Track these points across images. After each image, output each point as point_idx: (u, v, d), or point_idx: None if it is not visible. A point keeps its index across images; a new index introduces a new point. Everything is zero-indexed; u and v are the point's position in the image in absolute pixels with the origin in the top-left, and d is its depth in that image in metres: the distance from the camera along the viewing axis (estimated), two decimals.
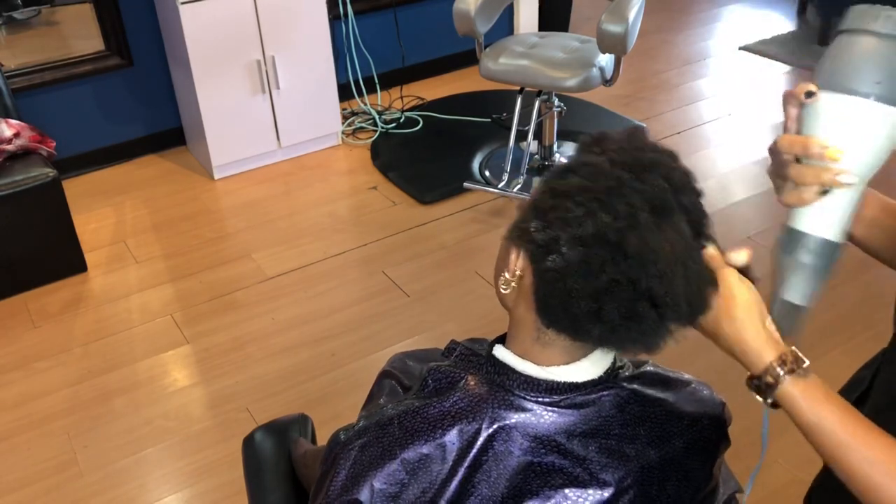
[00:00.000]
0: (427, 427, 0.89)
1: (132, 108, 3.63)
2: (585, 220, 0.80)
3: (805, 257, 0.82)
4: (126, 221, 3.28)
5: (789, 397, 0.79)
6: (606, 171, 0.82)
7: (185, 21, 3.15)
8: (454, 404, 0.90)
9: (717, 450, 0.97)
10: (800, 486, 1.13)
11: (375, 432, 0.91)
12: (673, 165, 0.85)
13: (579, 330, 0.85)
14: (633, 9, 2.86)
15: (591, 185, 0.82)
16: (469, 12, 2.99)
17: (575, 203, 0.81)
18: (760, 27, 4.86)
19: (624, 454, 0.90)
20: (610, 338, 0.84)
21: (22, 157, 2.84)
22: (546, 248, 0.83)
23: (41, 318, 2.75)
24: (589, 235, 0.80)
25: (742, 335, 0.82)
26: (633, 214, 0.79)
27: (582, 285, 0.81)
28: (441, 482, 0.87)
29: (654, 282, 0.79)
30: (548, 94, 3.27)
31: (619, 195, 0.80)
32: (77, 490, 2.13)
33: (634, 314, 0.81)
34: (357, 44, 3.93)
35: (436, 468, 0.88)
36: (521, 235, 0.86)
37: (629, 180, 0.81)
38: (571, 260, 0.81)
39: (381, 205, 3.29)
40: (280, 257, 3.00)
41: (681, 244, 0.81)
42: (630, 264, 0.79)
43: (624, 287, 0.79)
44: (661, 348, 0.86)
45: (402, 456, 0.88)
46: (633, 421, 0.91)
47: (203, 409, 2.36)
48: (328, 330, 2.63)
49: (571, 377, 0.89)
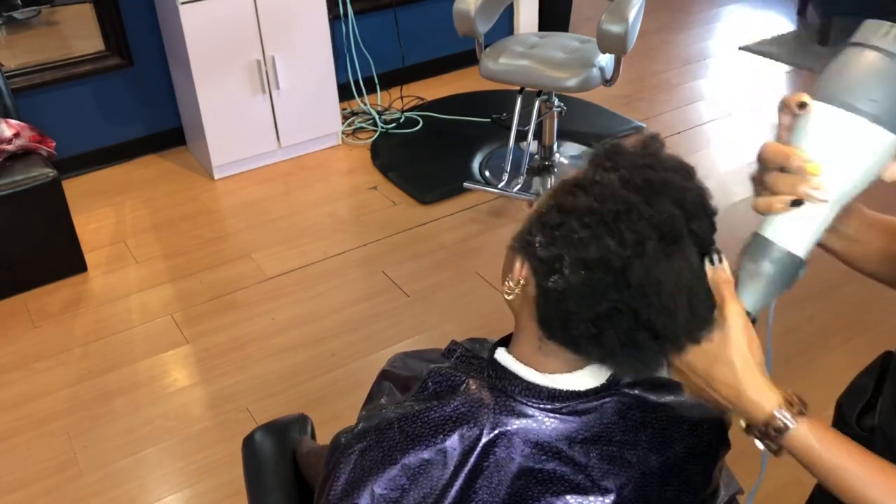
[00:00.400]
0: (428, 432, 0.88)
1: (132, 108, 3.63)
2: (590, 243, 0.79)
3: (766, 266, 0.80)
4: (126, 221, 3.28)
5: (803, 441, 0.77)
6: (616, 193, 0.80)
7: (185, 21, 3.15)
8: (455, 409, 0.89)
9: (717, 454, 0.97)
10: (800, 486, 1.13)
11: (376, 436, 0.90)
12: (686, 186, 0.82)
13: (579, 349, 0.84)
14: (633, 9, 2.86)
15: (599, 206, 0.80)
16: (469, 12, 2.99)
17: (581, 224, 0.79)
18: (760, 27, 4.86)
19: (625, 460, 0.89)
20: (608, 361, 0.84)
21: (22, 157, 2.84)
22: (549, 266, 0.82)
23: (41, 318, 2.75)
24: (593, 260, 0.78)
25: (740, 381, 0.79)
26: (639, 242, 0.78)
27: (582, 308, 0.80)
28: (442, 488, 0.87)
29: (656, 313, 0.78)
30: (548, 94, 3.27)
31: (627, 220, 0.78)
32: (77, 490, 2.13)
33: (633, 343, 0.80)
34: (357, 44, 3.93)
35: (437, 473, 0.87)
36: (525, 248, 0.85)
37: (639, 203, 0.79)
38: (573, 282, 0.80)
39: (381, 205, 3.29)
40: (280, 257, 3.00)
41: (687, 273, 0.79)
42: (633, 293, 0.78)
43: (625, 315, 0.79)
44: (657, 373, 0.86)
45: (403, 461, 0.87)
46: (635, 427, 0.91)
47: (203, 409, 2.36)
48: (328, 330, 2.63)
49: (573, 385, 0.89)
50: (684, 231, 0.80)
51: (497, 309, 2.60)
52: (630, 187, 0.81)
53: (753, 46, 4.55)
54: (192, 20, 3.16)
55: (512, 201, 3.22)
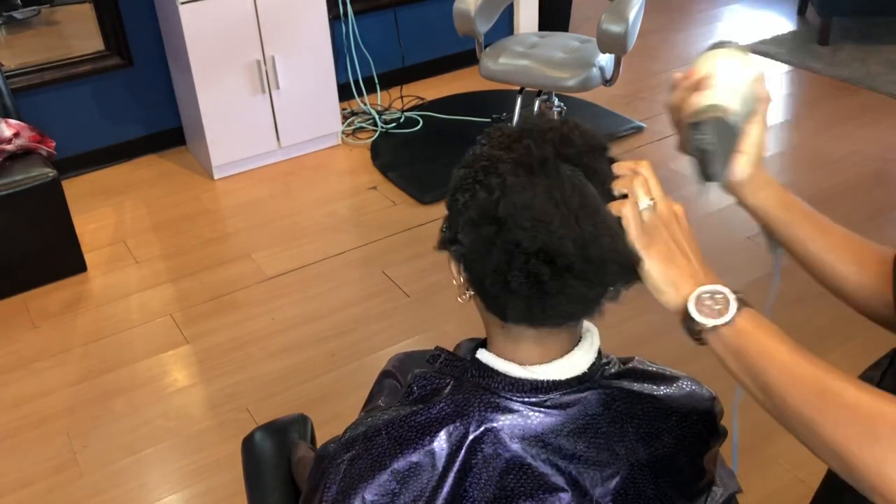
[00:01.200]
0: (415, 435, 0.89)
1: (132, 108, 3.63)
2: (470, 203, 0.83)
3: (707, 133, 0.89)
4: (126, 221, 3.28)
5: (739, 326, 0.78)
6: (484, 154, 0.85)
7: (185, 21, 3.15)
8: (441, 410, 0.90)
9: (707, 445, 0.97)
10: (800, 486, 1.13)
11: (364, 444, 0.90)
12: (551, 126, 0.86)
13: (506, 311, 0.85)
14: (633, 9, 2.86)
15: (469, 170, 0.85)
16: (469, 12, 2.99)
17: (462, 191, 0.84)
18: (760, 27, 4.86)
19: (614, 452, 0.89)
20: (537, 311, 0.84)
21: (22, 157, 2.84)
22: (452, 241, 0.86)
23: (41, 318, 2.75)
24: (476, 217, 0.82)
25: (663, 265, 0.81)
26: (502, 182, 0.81)
27: (483, 264, 0.82)
28: (432, 489, 0.87)
29: (529, 235, 0.79)
30: (548, 93, 3.27)
31: (493, 171, 0.82)
32: (77, 490, 2.13)
33: (534, 276, 0.80)
34: (357, 44, 3.93)
35: (426, 475, 0.87)
36: (441, 244, 0.89)
37: (502, 154, 0.83)
38: (468, 244, 0.83)
39: (381, 205, 3.29)
40: (280, 257, 3.00)
41: (559, 192, 0.80)
42: (509, 228, 0.80)
43: (515, 253, 0.80)
44: (599, 312, 0.86)
45: (393, 466, 0.87)
46: (621, 418, 0.91)
47: (203, 409, 2.36)
48: (328, 330, 2.63)
49: (552, 375, 0.89)
50: (550, 158, 0.82)
51: None
52: (495, 146, 0.85)
53: (753, 46, 4.55)
54: (192, 20, 3.16)
55: None
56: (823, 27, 4.46)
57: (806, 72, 4.24)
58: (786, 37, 4.65)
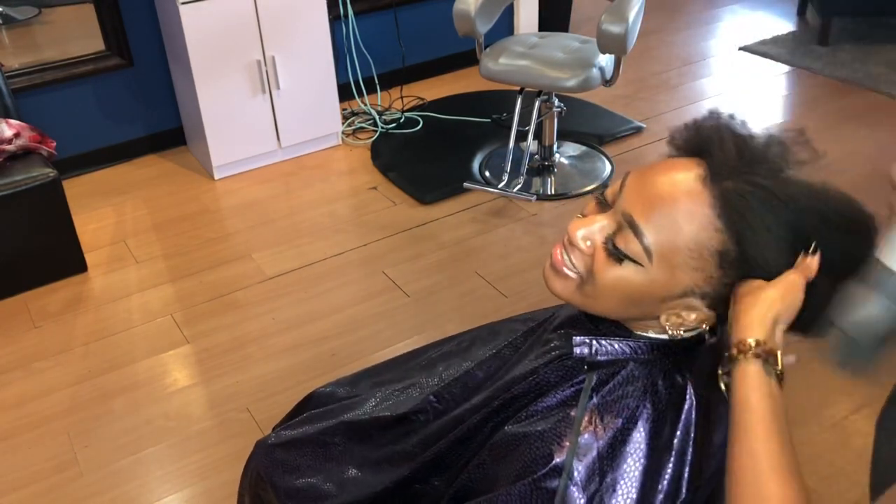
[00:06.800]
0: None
1: (132, 108, 3.64)
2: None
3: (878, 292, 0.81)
4: (126, 221, 3.28)
5: (749, 371, 0.81)
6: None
7: (185, 21, 3.15)
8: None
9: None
10: None
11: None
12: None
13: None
14: (633, 9, 2.86)
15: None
16: (469, 12, 2.99)
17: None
18: (760, 27, 4.86)
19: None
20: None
21: (22, 157, 2.84)
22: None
23: (41, 318, 2.75)
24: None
25: (749, 310, 0.85)
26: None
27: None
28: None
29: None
30: (548, 94, 3.27)
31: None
32: (77, 490, 2.13)
33: None
34: (357, 44, 3.93)
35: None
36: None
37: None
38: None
39: (381, 205, 3.30)
40: (280, 257, 3.00)
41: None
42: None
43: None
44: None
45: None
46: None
47: (203, 409, 2.36)
48: (328, 330, 2.63)
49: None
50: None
51: (497, 309, 2.61)
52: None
53: (753, 47, 4.55)
54: (193, 20, 3.16)
55: (512, 201, 3.22)
56: (823, 28, 4.46)
57: (806, 72, 4.25)
58: (785, 37, 4.65)
